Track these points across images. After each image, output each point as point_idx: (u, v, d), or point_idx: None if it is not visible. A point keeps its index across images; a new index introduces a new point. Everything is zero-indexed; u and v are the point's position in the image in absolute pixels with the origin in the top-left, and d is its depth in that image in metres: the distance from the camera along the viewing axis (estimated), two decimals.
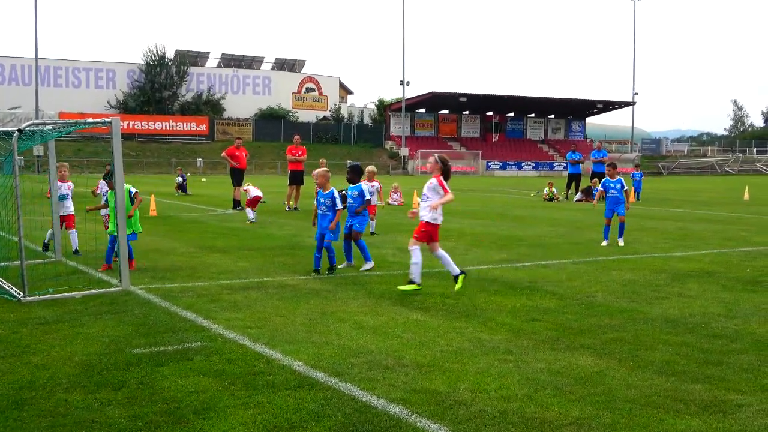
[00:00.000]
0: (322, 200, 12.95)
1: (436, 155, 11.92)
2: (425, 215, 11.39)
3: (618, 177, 18.28)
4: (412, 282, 11.30)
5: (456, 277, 11.29)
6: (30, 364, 7.34)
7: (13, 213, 11.60)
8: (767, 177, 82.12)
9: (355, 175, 14.45)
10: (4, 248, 13.00)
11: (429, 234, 11.43)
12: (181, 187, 39.68)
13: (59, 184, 14.70)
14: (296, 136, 29.59)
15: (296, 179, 27.23)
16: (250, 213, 22.54)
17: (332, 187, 13.22)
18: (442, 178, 11.46)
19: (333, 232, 12.74)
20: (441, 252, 11.46)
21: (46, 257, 14.22)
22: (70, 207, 15.23)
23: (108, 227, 13.41)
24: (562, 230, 20.70)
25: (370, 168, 18.81)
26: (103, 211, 14.69)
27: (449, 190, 11.43)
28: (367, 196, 14.20)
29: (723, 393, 6.74)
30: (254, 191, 23.15)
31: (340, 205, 12.99)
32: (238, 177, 27.40)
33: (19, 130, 11.39)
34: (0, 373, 7.04)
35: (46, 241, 15.32)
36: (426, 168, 15.29)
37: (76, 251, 14.98)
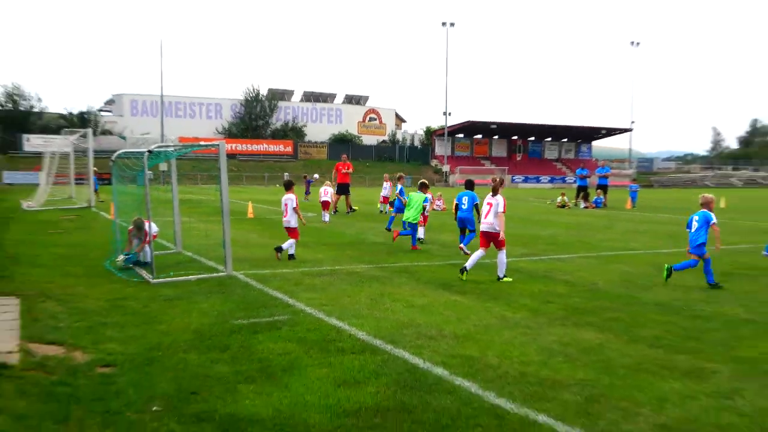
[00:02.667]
0: None
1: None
2: None
3: None
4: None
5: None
6: (157, 331, 7.55)
7: (143, 214, 11.89)
8: (740, 190, 79.92)
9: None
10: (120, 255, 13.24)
11: None
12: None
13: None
14: (343, 155, 28.68)
15: (344, 189, 26.49)
16: (325, 215, 22.52)
17: None
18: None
19: None
20: None
21: (169, 249, 14.38)
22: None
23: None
24: (572, 231, 20.48)
25: (423, 180, 18.50)
26: None
27: None
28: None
29: (700, 362, 6.68)
30: (324, 197, 23.11)
31: None
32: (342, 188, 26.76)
33: (149, 151, 11.66)
34: (135, 338, 7.26)
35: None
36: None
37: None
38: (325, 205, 22.87)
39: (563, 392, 5.74)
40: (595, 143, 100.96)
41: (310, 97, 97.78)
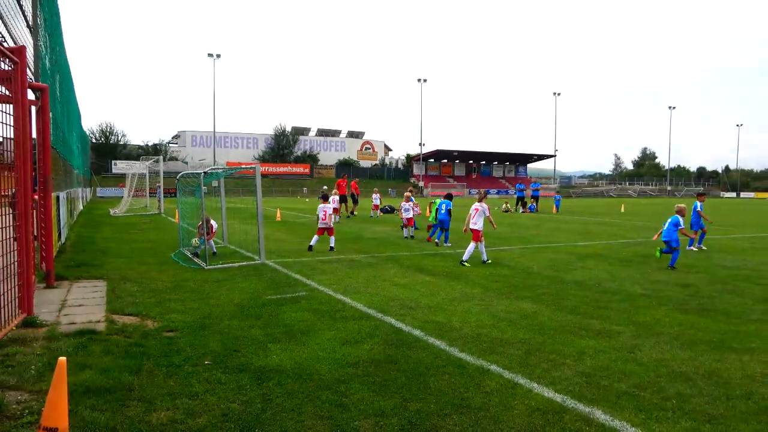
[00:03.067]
0: None
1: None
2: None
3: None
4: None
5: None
6: (210, 304, 7.44)
7: (200, 219, 11.78)
8: (635, 199, 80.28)
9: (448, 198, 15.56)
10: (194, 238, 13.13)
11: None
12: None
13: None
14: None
15: (344, 199, 26.00)
16: (335, 217, 22.42)
17: None
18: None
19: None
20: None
21: (218, 243, 14.22)
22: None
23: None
24: (513, 229, 20.45)
25: (407, 193, 18.26)
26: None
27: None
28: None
29: (608, 325, 6.63)
30: (333, 204, 22.99)
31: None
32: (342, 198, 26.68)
33: (204, 172, 11.58)
34: (193, 310, 7.14)
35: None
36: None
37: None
38: (335, 210, 22.86)
39: (508, 348, 5.67)
40: (529, 165, 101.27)
41: (322, 132, 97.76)
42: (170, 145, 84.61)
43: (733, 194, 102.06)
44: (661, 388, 4.66)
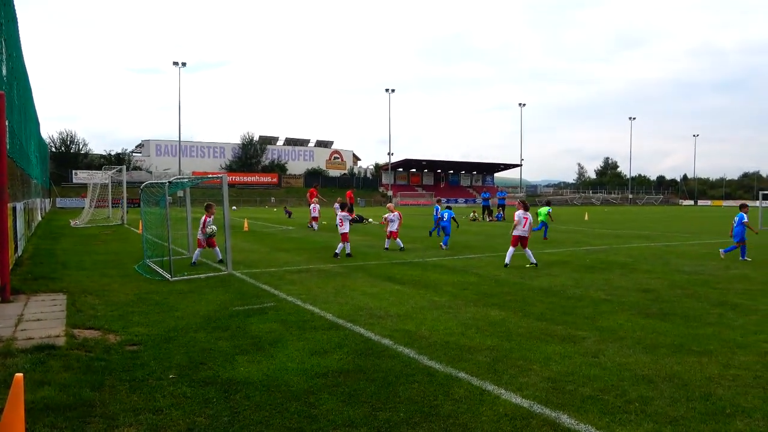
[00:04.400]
0: None
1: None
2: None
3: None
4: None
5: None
6: (174, 317, 7.29)
7: (164, 229, 11.55)
8: (598, 207, 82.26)
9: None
10: (159, 250, 12.91)
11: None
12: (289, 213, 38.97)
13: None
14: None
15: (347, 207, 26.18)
16: (314, 225, 23.70)
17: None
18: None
19: None
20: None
21: (183, 254, 14.02)
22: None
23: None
24: (481, 237, 20.67)
25: (390, 204, 18.10)
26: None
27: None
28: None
29: (573, 331, 6.75)
30: (314, 213, 23.87)
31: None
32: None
33: (169, 182, 11.37)
34: (157, 323, 6.98)
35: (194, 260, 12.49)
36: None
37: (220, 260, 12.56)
38: (315, 218, 23.62)
39: (477, 355, 5.72)
40: (496, 174, 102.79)
41: (291, 141, 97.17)
42: (134, 154, 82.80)
43: (691, 202, 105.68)
44: (624, 392, 4.76)
